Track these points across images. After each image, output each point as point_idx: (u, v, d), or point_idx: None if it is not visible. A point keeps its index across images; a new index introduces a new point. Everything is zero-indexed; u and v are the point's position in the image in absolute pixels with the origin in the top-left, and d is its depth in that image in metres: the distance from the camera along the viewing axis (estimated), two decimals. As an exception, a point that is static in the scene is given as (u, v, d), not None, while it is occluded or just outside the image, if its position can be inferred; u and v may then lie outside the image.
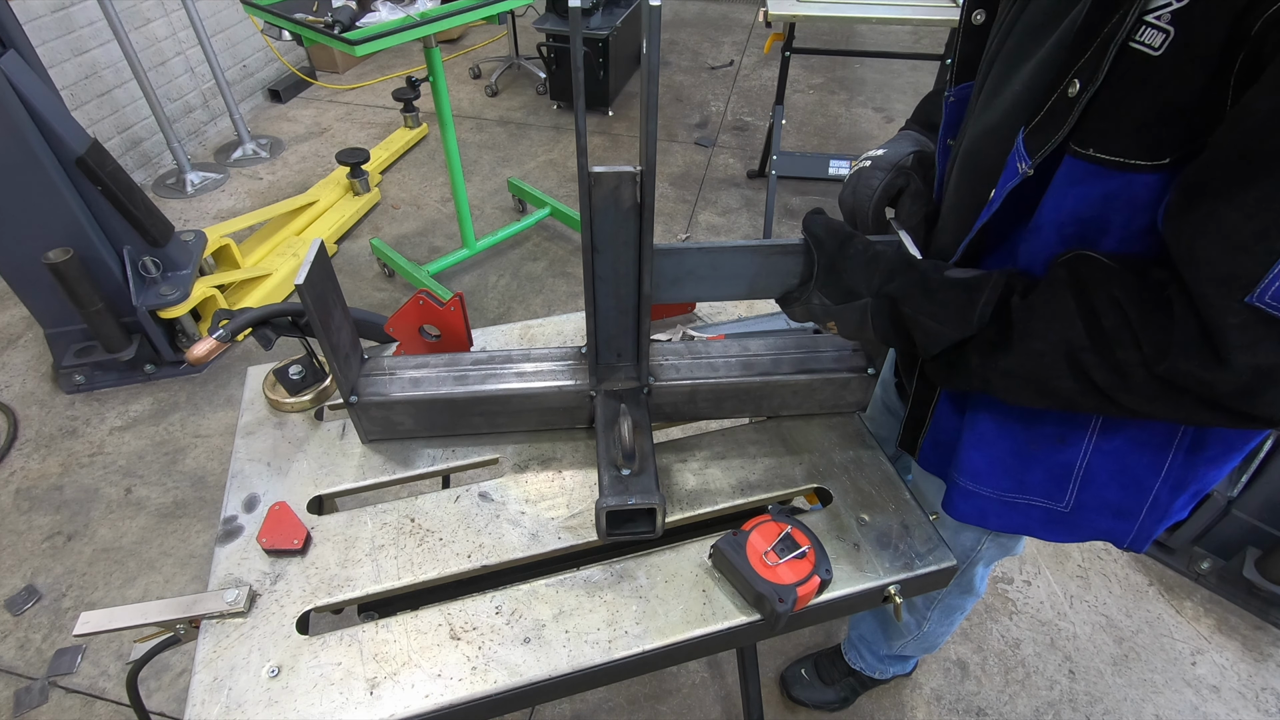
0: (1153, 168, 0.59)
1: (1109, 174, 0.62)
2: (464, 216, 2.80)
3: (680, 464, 1.01)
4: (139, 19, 3.41)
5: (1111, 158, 0.61)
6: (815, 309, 0.85)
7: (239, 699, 0.77)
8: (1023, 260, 0.74)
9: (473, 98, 4.41)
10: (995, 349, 0.71)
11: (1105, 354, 0.64)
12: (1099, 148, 0.61)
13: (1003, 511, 0.90)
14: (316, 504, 0.98)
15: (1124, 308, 0.62)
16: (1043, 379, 0.69)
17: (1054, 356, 0.67)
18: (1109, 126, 0.60)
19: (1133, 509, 0.83)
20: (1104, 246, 0.67)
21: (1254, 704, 1.73)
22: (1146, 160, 0.59)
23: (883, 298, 0.79)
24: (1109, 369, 0.64)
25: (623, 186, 0.78)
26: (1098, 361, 0.64)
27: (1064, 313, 0.66)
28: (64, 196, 2.07)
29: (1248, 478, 1.78)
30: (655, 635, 0.82)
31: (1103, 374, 0.64)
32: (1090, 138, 0.62)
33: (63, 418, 2.36)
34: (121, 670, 1.73)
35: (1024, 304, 0.70)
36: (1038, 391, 0.71)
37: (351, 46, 1.95)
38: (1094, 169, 0.62)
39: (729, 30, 5.33)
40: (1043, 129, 0.65)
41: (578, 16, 0.64)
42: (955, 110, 0.87)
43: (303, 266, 0.80)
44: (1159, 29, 0.56)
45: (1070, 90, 0.62)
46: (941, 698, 1.74)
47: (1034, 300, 0.69)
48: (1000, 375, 0.72)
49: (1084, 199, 0.65)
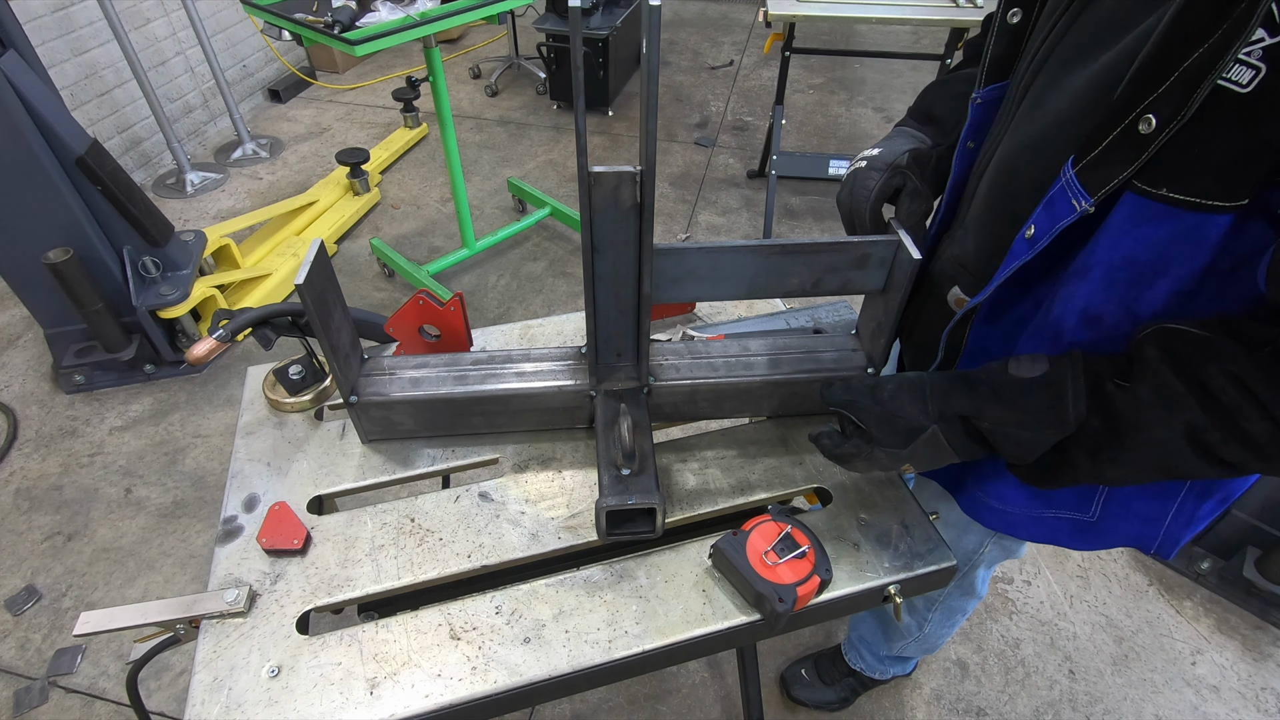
0: (1231, 208, 0.57)
1: (1180, 215, 0.58)
2: (464, 216, 2.80)
3: (680, 464, 1.01)
4: (139, 19, 3.41)
5: (1188, 198, 0.57)
6: (882, 460, 0.79)
7: (239, 699, 0.77)
8: (1058, 307, 0.71)
9: (473, 98, 4.41)
10: (1105, 444, 0.67)
11: (1232, 430, 0.61)
12: (1174, 188, 0.58)
13: (1030, 525, 0.88)
14: (316, 504, 0.98)
15: (1241, 379, 0.59)
16: (1166, 466, 0.66)
17: (1175, 443, 0.63)
18: (1187, 166, 0.57)
19: (1158, 515, 0.82)
20: (1157, 289, 0.64)
21: (1254, 704, 1.73)
22: (1226, 201, 0.56)
23: (952, 420, 0.74)
24: (1239, 444, 0.61)
25: (623, 186, 0.78)
26: (1225, 439, 0.61)
27: (1175, 396, 0.62)
28: (64, 196, 2.07)
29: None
30: (655, 635, 0.82)
31: (1232, 451, 0.62)
32: (1163, 177, 0.58)
33: (63, 418, 2.36)
34: (121, 670, 1.73)
35: (1126, 394, 0.65)
36: (1161, 475, 0.68)
37: (351, 46, 1.95)
38: (1164, 209, 0.59)
39: (729, 30, 5.33)
40: (1104, 164, 0.60)
41: (578, 16, 0.64)
42: (982, 112, 0.84)
43: (303, 266, 0.80)
44: (1249, 65, 0.52)
45: (1143, 127, 0.57)
46: (941, 698, 1.74)
47: (1138, 389, 0.64)
48: (1117, 469, 0.69)
49: (1145, 240, 0.61)
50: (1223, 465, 0.63)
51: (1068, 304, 0.70)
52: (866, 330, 1.03)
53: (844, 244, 0.88)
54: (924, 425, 0.75)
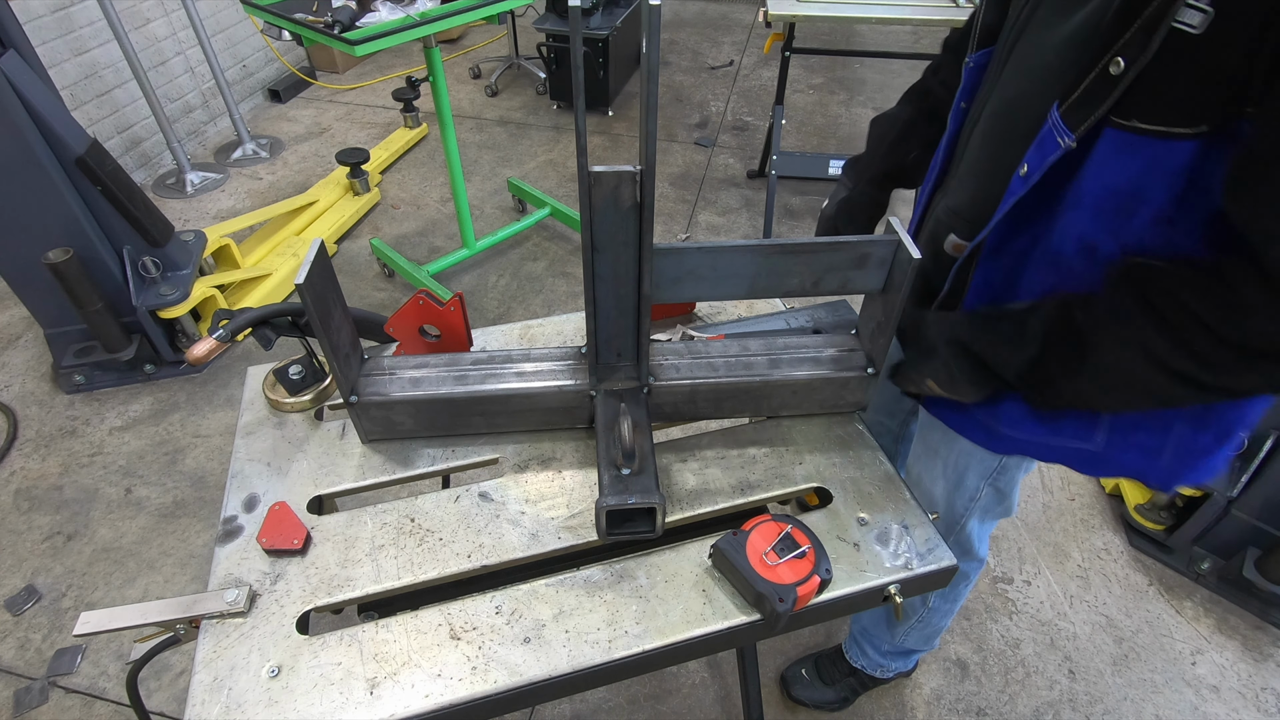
0: (1192, 135, 0.65)
1: (1150, 143, 0.67)
2: (464, 216, 2.80)
3: (680, 464, 1.01)
4: (139, 19, 3.41)
5: (1154, 127, 0.66)
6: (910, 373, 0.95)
7: (239, 699, 0.77)
8: (1056, 239, 0.79)
9: (473, 98, 4.41)
10: (1073, 362, 0.77)
11: (1180, 344, 0.69)
12: (1142, 119, 0.66)
13: (1041, 449, 0.97)
14: (316, 504, 0.98)
15: (1182, 295, 0.68)
16: (1130, 382, 0.75)
17: (1133, 358, 0.73)
18: (1152, 99, 0.65)
19: (1157, 447, 0.89)
20: (1141, 218, 0.72)
21: (1254, 704, 1.73)
22: (1187, 128, 0.65)
23: (954, 344, 0.87)
24: (1187, 356, 0.69)
25: (623, 186, 0.78)
26: (1176, 353, 0.70)
27: (1129, 315, 0.72)
28: (64, 196, 2.07)
29: (1248, 478, 1.78)
30: (655, 635, 0.82)
31: (1184, 363, 0.70)
32: (1133, 110, 0.67)
33: (63, 418, 2.36)
34: (121, 670, 1.73)
35: (1088, 316, 0.75)
36: (1133, 394, 0.77)
37: (351, 46, 1.95)
38: (1136, 139, 0.67)
39: (729, 30, 5.33)
40: (1083, 104, 0.69)
41: (578, 16, 0.64)
42: (974, 75, 0.92)
43: (303, 266, 0.80)
44: (1198, 10, 0.60)
45: (1113, 68, 0.66)
46: (941, 698, 1.74)
47: (1098, 311, 0.75)
48: (1089, 384, 0.78)
49: (1124, 170, 0.70)
50: (1177, 377, 0.72)
51: (1065, 235, 0.78)
52: (866, 330, 1.03)
53: (844, 244, 0.89)
54: (937, 345, 0.89)
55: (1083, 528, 2.12)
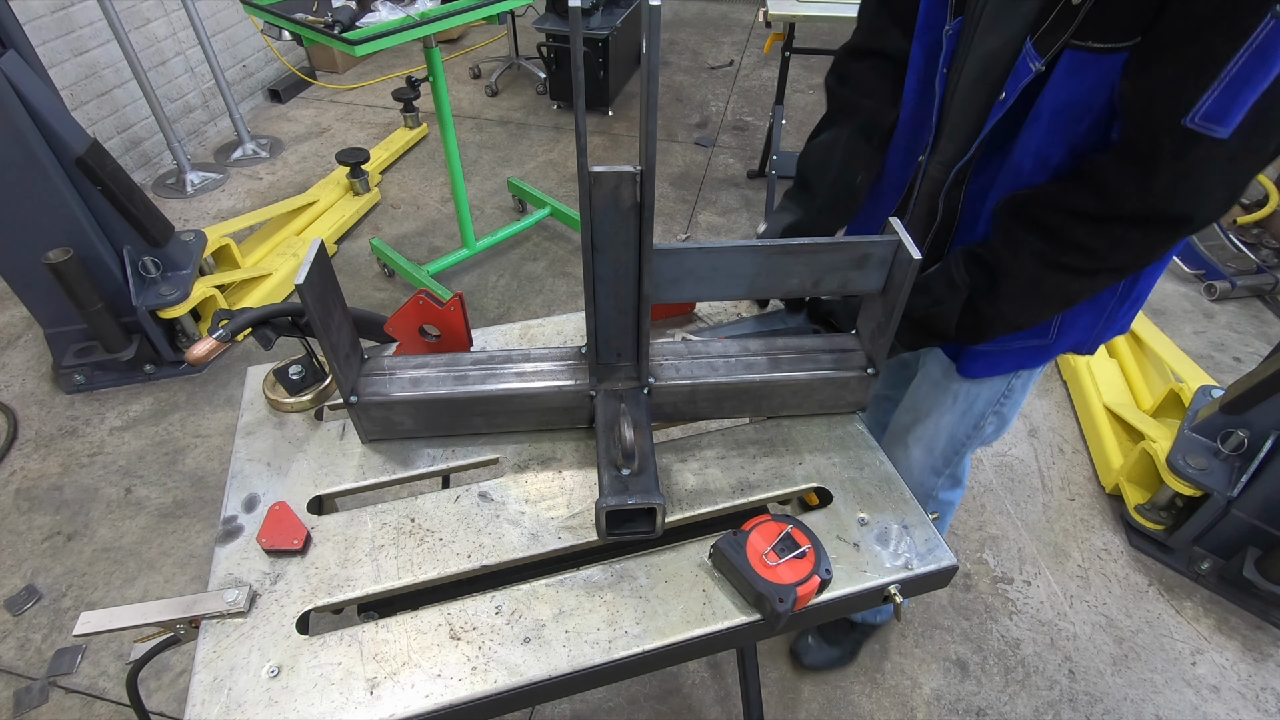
0: (1128, 47, 0.77)
1: (1100, 59, 0.79)
2: (464, 216, 2.80)
3: (680, 464, 1.01)
4: (139, 19, 3.41)
5: (1104, 44, 0.78)
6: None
7: (239, 699, 0.77)
8: (1018, 154, 0.90)
9: (473, 98, 4.41)
10: (989, 291, 0.93)
11: (1064, 242, 0.85)
12: (1096, 39, 0.78)
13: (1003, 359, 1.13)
14: (316, 504, 0.98)
15: (1055, 203, 0.85)
16: (1041, 291, 0.91)
17: (1035, 268, 0.88)
18: (1101, 22, 0.77)
19: (1093, 324, 1.06)
20: (1084, 125, 0.84)
21: (1254, 704, 1.73)
22: (1126, 41, 0.77)
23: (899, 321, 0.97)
24: (1075, 250, 0.85)
25: (623, 186, 0.78)
26: (1062, 250, 0.86)
27: (1018, 235, 0.89)
28: (64, 196, 2.07)
29: (1248, 478, 1.78)
30: (655, 635, 0.82)
31: (1072, 257, 0.86)
32: (1089, 32, 0.78)
33: (63, 418, 2.36)
34: (121, 670, 1.74)
35: (988, 247, 0.93)
36: (1048, 303, 0.94)
37: (351, 46, 1.95)
38: (1090, 57, 0.79)
39: (729, 30, 5.33)
40: (1050, 33, 0.81)
41: (578, 16, 0.64)
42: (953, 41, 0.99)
43: (303, 266, 0.80)
44: None
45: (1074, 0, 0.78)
46: (941, 698, 1.74)
47: (994, 241, 0.92)
48: (1010, 306, 0.93)
49: (1080, 85, 0.82)
50: (1076, 272, 0.88)
51: (1024, 149, 0.90)
52: (866, 330, 1.03)
53: (844, 244, 0.89)
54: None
55: (1083, 528, 2.12)
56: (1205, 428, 1.92)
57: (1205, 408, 1.95)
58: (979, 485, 2.24)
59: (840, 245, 0.89)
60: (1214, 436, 1.89)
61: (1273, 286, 2.95)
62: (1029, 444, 2.37)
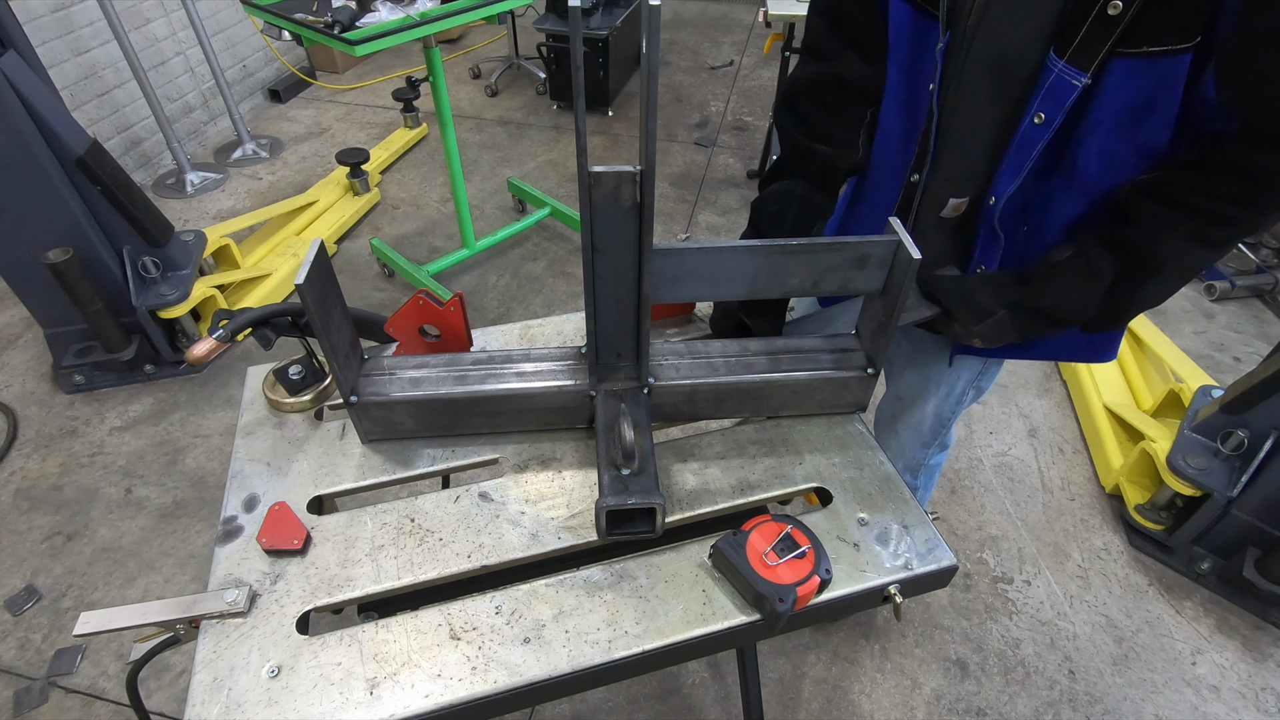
0: (1189, 48, 0.76)
1: (1158, 62, 0.78)
2: (464, 216, 2.80)
3: (680, 464, 1.01)
4: (139, 19, 3.41)
5: (1161, 48, 0.77)
6: (958, 332, 1.02)
7: (239, 699, 0.77)
8: (1081, 158, 0.89)
9: (473, 98, 4.41)
10: (1141, 278, 0.91)
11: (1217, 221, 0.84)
12: (1150, 44, 0.77)
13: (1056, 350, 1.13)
14: (316, 504, 0.98)
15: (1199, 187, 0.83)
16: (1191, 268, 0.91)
17: (1186, 248, 0.87)
18: (1153, 26, 0.76)
19: None
20: (1152, 123, 0.84)
21: (1254, 704, 1.73)
22: (1185, 43, 0.76)
23: (1014, 306, 0.96)
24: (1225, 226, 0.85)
25: (623, 186, 0.78)
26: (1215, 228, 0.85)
27: (1171, 219, 0.86)
28: (64, 196, 2.07)
29: (1247, 478, 1.78)
30: (655, 635, 0.82)
31: (1222, 234, 0.86)
32: (1141, 38, 0.77)
33: (63, 418, 2.36)
34: (121, 670, 1.73)
35: (1138, 233, 0.88)
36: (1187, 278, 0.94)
37: (351, 46, 1.95)
38: (1146, 62, 0.78)
39: (729, 30, 5.33)
40: (1088, 45, 0.80)
41: (578, 16, 0.64)
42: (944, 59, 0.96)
43: (303, 266, 0.80)
44: None
45: (1111, 10, 0.77)
46: (941, 698, 1.74)
47: (1141, 228, 0.88)
48: (1160, 288, 0.93)
49: (1139, 88, 0.81)
50: (1222, 247, 0.89)
51: (1089, 153, 0.88)
52: (866, 330, 1.03)
53: (843, 244, 0.89)
54: (994, 310, 0.96)
55: (1083, 528, 2.12)
56: (1205, 428, 1.92)
57: (1205, 408, 1.95)
58: (979, 485, 2.24)
59: (840, 245, 0.89)
60: (1214, 436, 1.89)
61: (1272, 286, 2.95)
62: (1029, 444, 2.37)
